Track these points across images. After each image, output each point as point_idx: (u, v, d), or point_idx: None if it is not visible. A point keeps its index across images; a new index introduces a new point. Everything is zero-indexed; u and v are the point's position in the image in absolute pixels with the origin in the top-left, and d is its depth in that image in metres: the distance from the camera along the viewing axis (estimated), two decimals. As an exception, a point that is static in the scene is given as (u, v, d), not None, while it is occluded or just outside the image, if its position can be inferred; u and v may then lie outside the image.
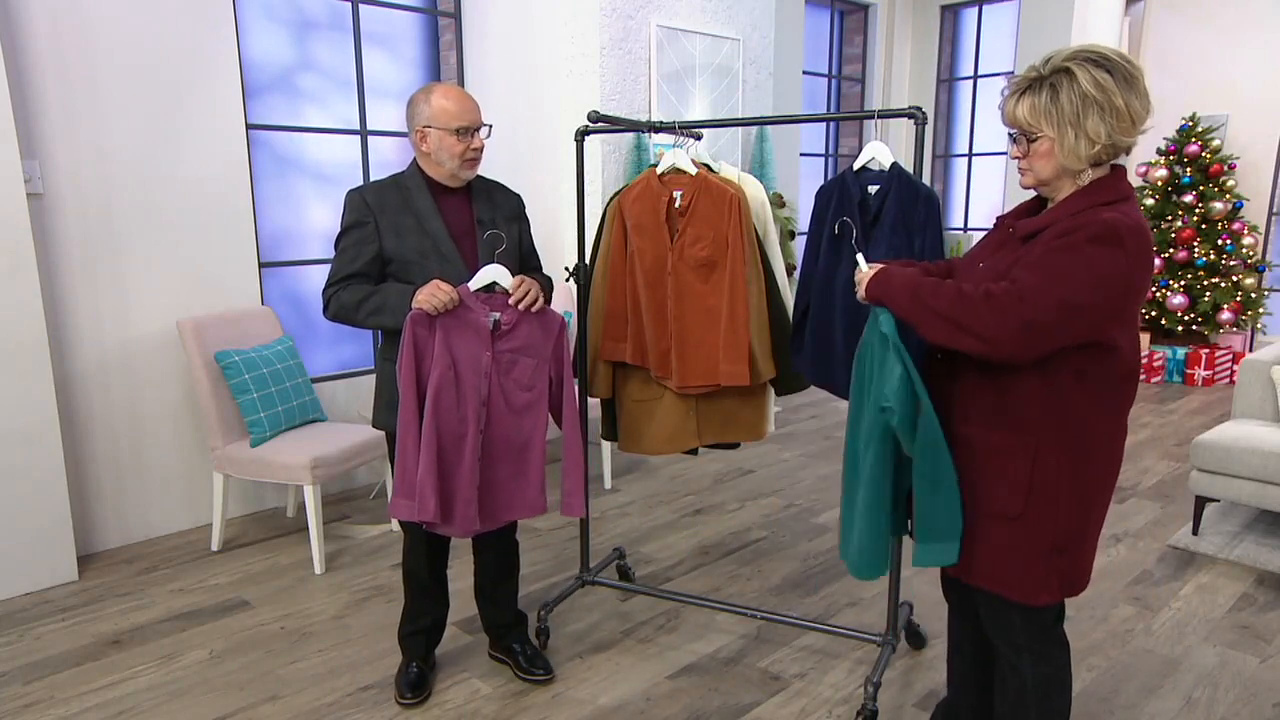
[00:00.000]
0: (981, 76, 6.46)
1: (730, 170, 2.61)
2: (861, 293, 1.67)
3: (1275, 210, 6.16)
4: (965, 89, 6.56)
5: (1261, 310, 5.92)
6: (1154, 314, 6.07)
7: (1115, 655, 2.51)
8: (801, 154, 6.01)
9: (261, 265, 3.59)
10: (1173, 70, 6.37)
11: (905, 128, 6.72)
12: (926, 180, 2.82)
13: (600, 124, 2.33)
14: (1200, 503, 3.32)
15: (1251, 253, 5.90)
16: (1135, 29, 6.45)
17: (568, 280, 2.57)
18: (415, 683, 2.28)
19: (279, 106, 3.69)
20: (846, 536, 1.78)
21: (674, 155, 2.40)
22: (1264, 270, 6.02)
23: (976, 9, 6.39)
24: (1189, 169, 5.93)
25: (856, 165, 2.23)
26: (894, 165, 2.11)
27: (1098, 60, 1.48)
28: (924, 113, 2.04)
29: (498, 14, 4.17)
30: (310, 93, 3.79)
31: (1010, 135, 1.59)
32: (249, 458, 3.07)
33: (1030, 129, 1.53)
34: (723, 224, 2.35)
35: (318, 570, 3.06)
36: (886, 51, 6.44)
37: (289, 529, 3.46)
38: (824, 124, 6.36)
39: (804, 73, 5.94)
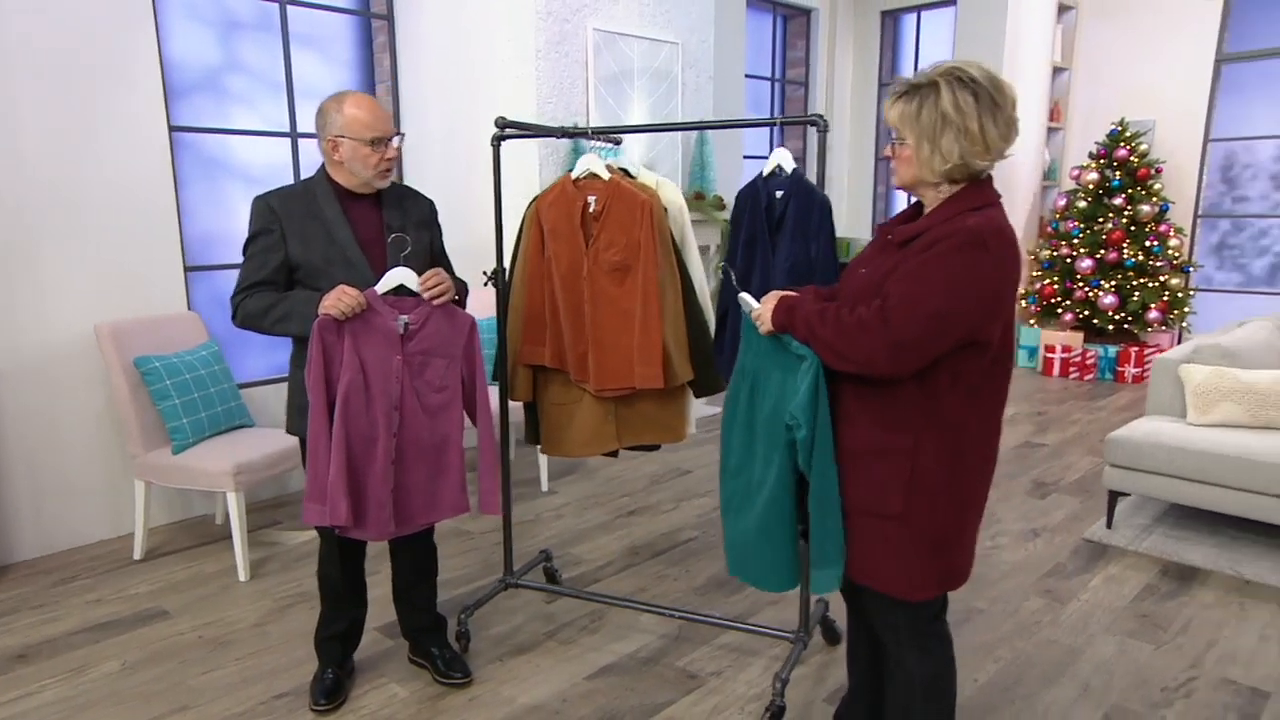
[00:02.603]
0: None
1: (649, 175, 2.64)
2: (766, 326, 1.71)
3: (1200, 213, 6.38)
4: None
5: (1187, 310, 6.12)
6: (1086, 314, 6.24)
7: (1021, 646, 2.59)
8: (745, 156, 6.08)
9: (188, 269, 3.54)
10: (1103, 77, 6.56)
11: (848, 132, 6.83)
12: (864, 183, 2.88)
13: (508, 130, 2.34)
14: (1113, 497, 3.44)
15: (1177, 254, 6.10)
16: (1068, 36, 6.63)
17: (486, 284, 2.58)
18: (330, 689, 2.28)
19: (205, 108, 3.64)
20: (740, 554, 1.81)
21: (588, 160, 2.43)
22: (1190, 271, 6.23)
23: (915, 15, 6.52)
24: (1118, 172, 6.12)
25: (765, 171, 2.28)
26: (794, 172, 2.16)
27: (966, 81, 1.54)
28: (825, 120, 2.09)
29: (431, 16, 4.16)
30: (239, 94, 3.74)
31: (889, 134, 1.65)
32: (171, 465, 3.03)
33: (899, 133, 1.59)
34: (635, 229, 2.38)
35: (242, 578, 3.03)
36: (829, 56, 6.53)
37: (217, 536, 3.42)
38: (768, 127, 6.43)
39: (746, 76, 6.01)
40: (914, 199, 1.72)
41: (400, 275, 2.10)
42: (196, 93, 3.61)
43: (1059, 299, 6.38)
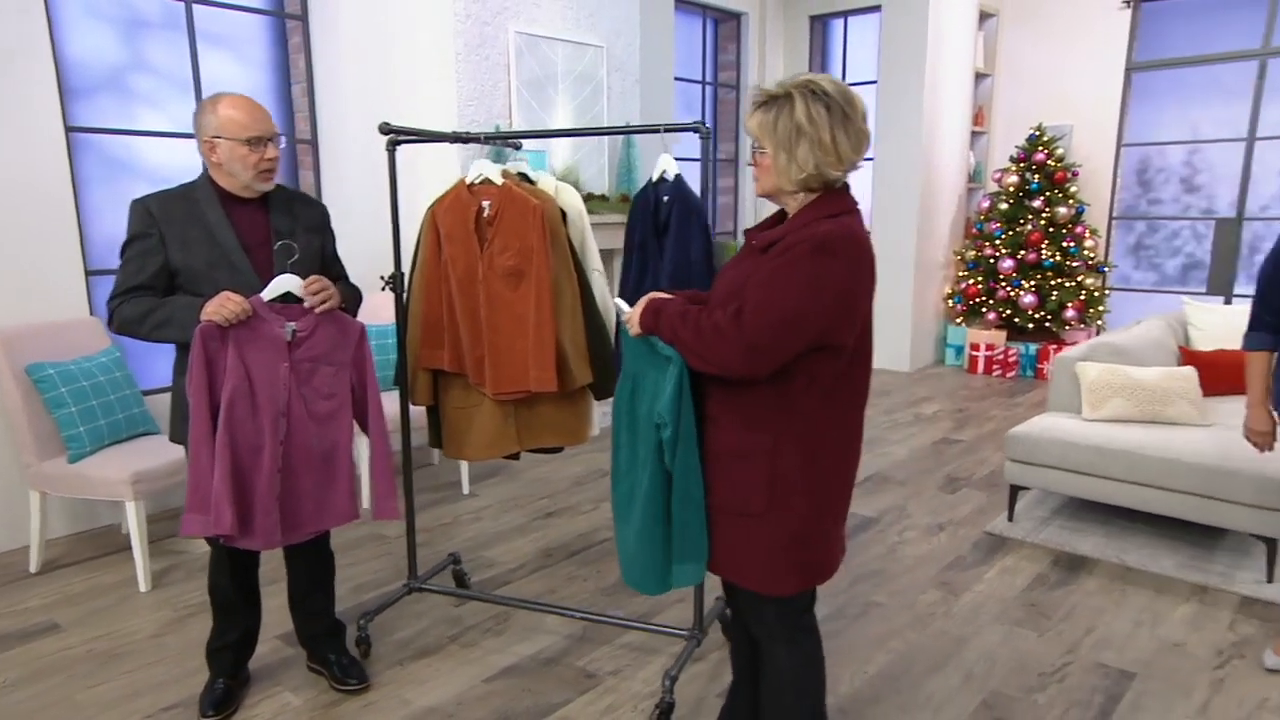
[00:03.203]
0: (849, 85, 6.71)
1: (549, 180, 2.66)
2: (635, 329, 1.75)
3: (1115, 215, 6.62)
4: (836, 97, 6.81)
5: (1103, 309, 6.35)
6: (1008, 313, 6.44)
7: (913, 638, 2.67)
8: (677, 159, 6.12)
9: (89, 273, 3.46)
10: (1023, 82, 6.77)
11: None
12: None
13: (392, 134, 2.34)
14: (1014, 491, 3.56)
15: (1093, 254, 6.32)
16: (990, 43, 6.82)
17: (383, 289, 2.58)
18: (219, 700, 2.25)
19: (108, 108, 3.56)
20: (627, 559, 1.85)
21: (481, 165, 2.44)
22: (1105, 271, 6.46)
23: (843, 20, 6.64)
24: (1037, 176, 6.31)
25: (654, 176, 2.31)
26: (677, 178, 2.20)
27: (818, 93, 1.59)
28: (708, 127, 2.13)
29: (347, 17, 4.12)
30: (145, 95, 3.67)
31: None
32: (67, 474, 2.96)
33: (758, 142, 1.64)
34: (528, 234, 2.40)
35: (142, 588, 2.98)
36: (759, 59, 6.62)
37: (121, 546, 3.35)
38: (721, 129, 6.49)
39: (676, 79, 6.06)
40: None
41: (286, 282, 2.09)
42: (98, 92, 3.53)
43: (983, 298, 6.56)
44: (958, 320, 6.78)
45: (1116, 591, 2.95)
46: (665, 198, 2.23)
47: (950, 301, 6.80)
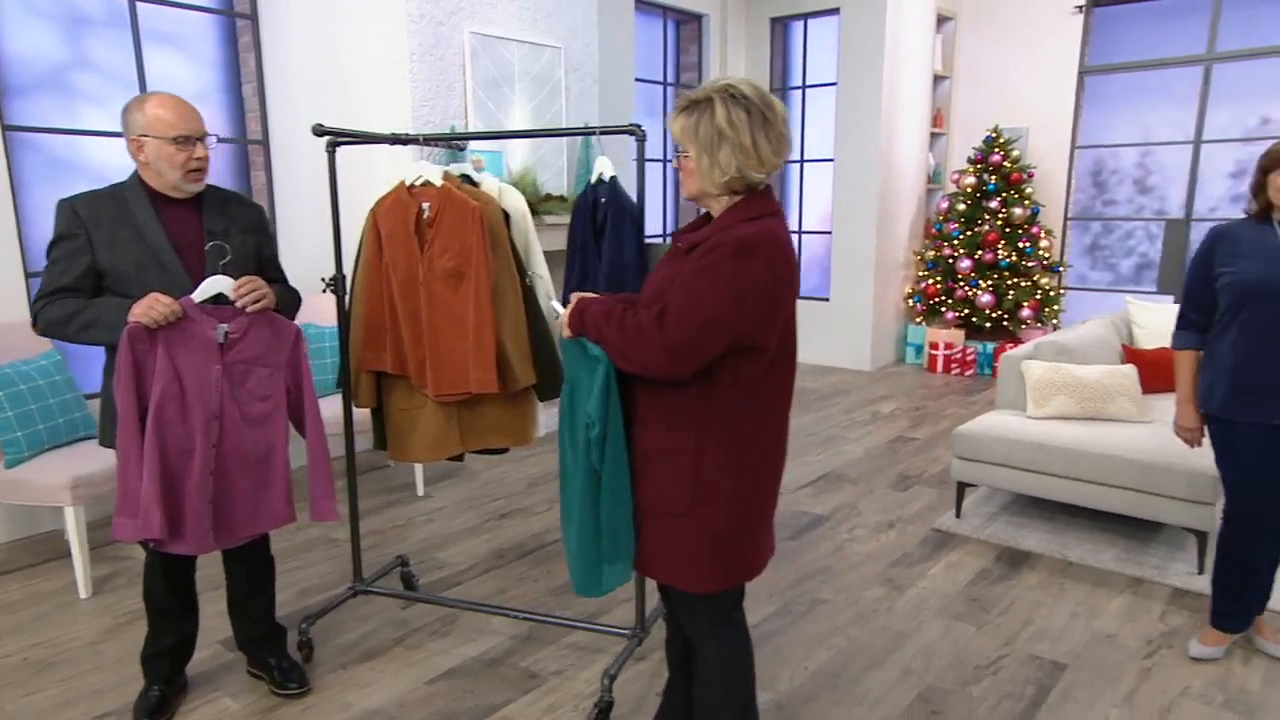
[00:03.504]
0: (809, 86, 6.77)
1: (492, 182, 2.66)
2: (566, 332, 1.76)
3: (1069, 215, 6.74)
4: (799, 97, 6.86)
5: (1058, 308, 6.46)
6: (966, 312, 6.53)
7: (855, 634, 2.71)
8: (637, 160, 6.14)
9: (29, 275, 3.40)
10: (980, 85, 6.87)
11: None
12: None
13: (326, 135, 2.33)
14: (961, 488, 3.62)
15: (1048, 254, 6.43)
16: (947, 46, 6.91)
17: (324, 291, 2.57)
18: (154, 707, 2.23)
19: (50, 107, 3.51)
20: (569, 558, 1.86)
21: (421, 167, 2.44)
22: (1059, 270, 6.58)
23: (803, 22, 6.70)
24: (993, 177, 6.41)
25: (592, 178, 2.33)
26: (612, 180, 2.22)
27: (738, 97, 1.61)
28: (643, 130, 2.15)
29: (298, 16, 4.09)
30: (89, 93, 3.61)
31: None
32: (4, 480, 2.91)
33: (682, 146, 1.66)
34: (467, 235, 2.40)
35: (83, 595, 2.94)
36: (721, 60, 6.66)
37: (62, 553, 3.29)
38: (661, 130, 6.51)
39: (637, 80, 6.08)
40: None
41: (218, 283, 2.07)
42: (38, 91, 3.47)
43: (942, 298, 6.65)
44: (918, 320, 6.87)
45: (1055, 585, 3.01)
46: (603, 199, 2.25)
47: (910, 301, 6.88)
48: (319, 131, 2.33)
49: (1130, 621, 2.75)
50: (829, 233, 6.74)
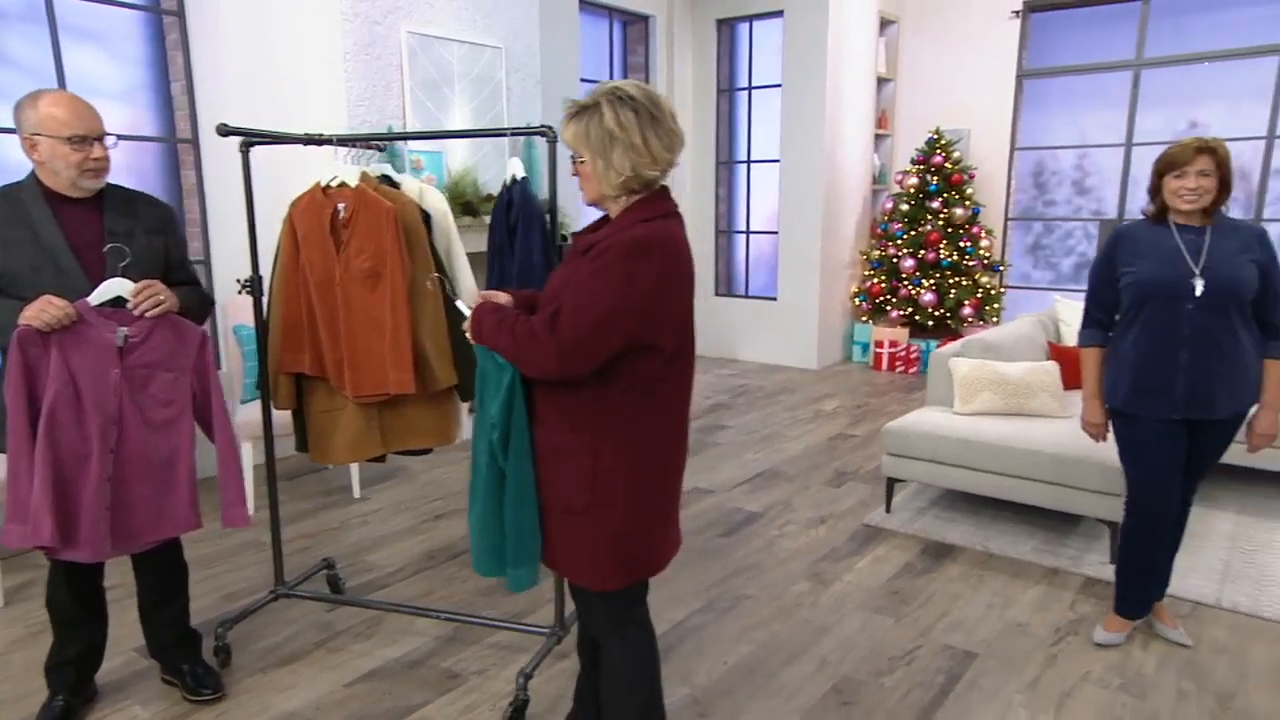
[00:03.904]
0: (755, 88, 6.83)
1: (412, 184, 2.66)
2: (470, 337, 1.78)
3: (1010, 216, 6.88)
4: (745, 98, 6.92)
5: (999, 306, 6.60)
6: (910, 310, 6.64)
7: (777, 629, 2.75)
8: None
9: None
10: (923, 87, 6.99)
11: (690, 136, 7.01)
12: (706, 185, 2.96)
13: (233, 135, 2.31)
14: (891, 484, 3.69)
15: (988, 254, 6.57)
16: (891, 49, 7.02)
17: (240, 292, 2.54)
18: (58, 718, 2.19)
19: (-35, 105, 3.42)
20: (474, 547, 1.88)
21: (336, 168, 2.43)
22: (1000, 270, 6.72)
23: (748, 24, 6.76)
24: (935, 178, 6.53)
25: (507, 179, 2.33)
26: (522, 181, 2.23)
27: (625, 99, 1.64)
28: (554, 131, 2.16)
29: (228, 13, 4.03)
30: (5, 90, 3.52)
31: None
32: (-88, 487, 2.83)
33: (577, 153, 1.68)
34: (382, 236, 2.40)
35: (-4, 603, 2.88)
36: (668, 61, 6.70)
37: (-20, 560, 3.22)
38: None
39: (583, 80, 6.08)
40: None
41: (117, 286, 2.05)
42: (-48, 89, 3.38)
43: (887, 297, 6.76)
44: (864, 318, 6.97)
45: (975, 577, 3.09)
46: (515, 201, 2.26)
47: (857, 300, 6.98)
48: (223, 131, 2.31)
49: (1042, 610, 2.83)
50: (775, 233, 6.81)
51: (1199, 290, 2.35)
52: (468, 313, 1.80)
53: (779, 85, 6.54)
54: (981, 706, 2.31)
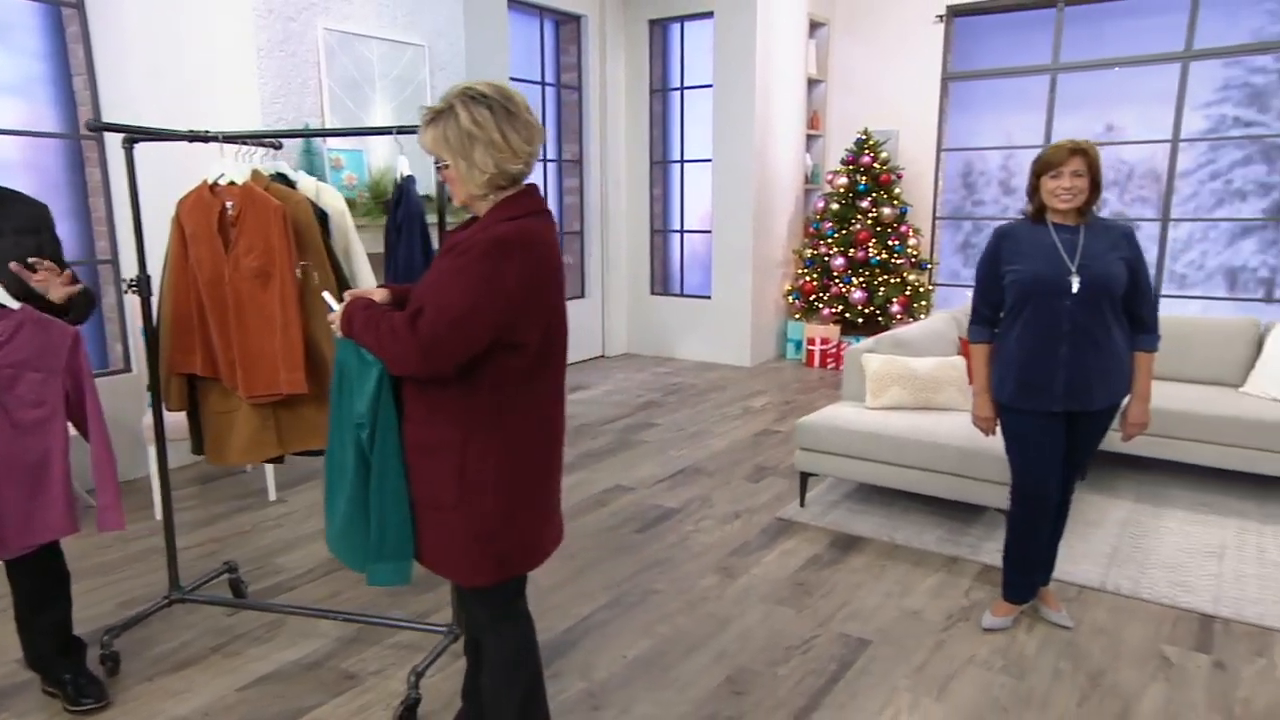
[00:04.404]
0: (688, 88, 6.89)
1: (308, 182, 2.64)
2: (338, 331, 1.78)
3: (937, 215, 7.05)
4: (678, 98, 6.97)
5: (927, 304, 6.76)
6: (841, 308, 6.76)
7: (681, 622, 2.79)
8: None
9: None
10: (854, 89, 7.12)
11: (624, 135, 7.04)
12: (640, 184, 2.98)
13: (104, 130, 2.27)
14: (804, 478, 3.76)
15: (916, 252, 6.72)
16: (821, 50, 7.14)
17: (126, 292, 2.49)
18: (-72, 729, 2.13)
19: None
20: (332, 534, 1.88)
21: (223, 165, 2.39)
22: (927, 268, 6.88)
23: (680, 25, 6.81)
24: (864, 178, 6.66)
25: (397, 176, 2.33)
26: (407, 179, 2.23)
27: (476, 97, 1.65)
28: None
29: (131, 6, 3.93)
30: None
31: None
32: None
33: (438, 156, 1.69)
34: (270, 234, 2.37)
35: (-124, 616, 2.77)
36: (600, 61, 6.71)
37: None
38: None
39: (514, 80, 6.07)
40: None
41: (-17, 285, 2.00)
42: None
43: (819, 295, 6.87)
44: (796, 316, 7.08)
45: (878, 567, 3.16)
46: (402, 199, 2.26)
47: (789, 298, 7.08)
48: (94, 126, 2.26)
49: (937, 598, 2.91)
50: (709, 232, 6.88)
51: (1075, 287, 2.44)
52: (335, 306, 1.80)
53: (710, 86, 6.61)
54: (868, 692, 2.38)
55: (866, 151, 6.66)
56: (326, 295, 1.84)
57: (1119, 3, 6.15)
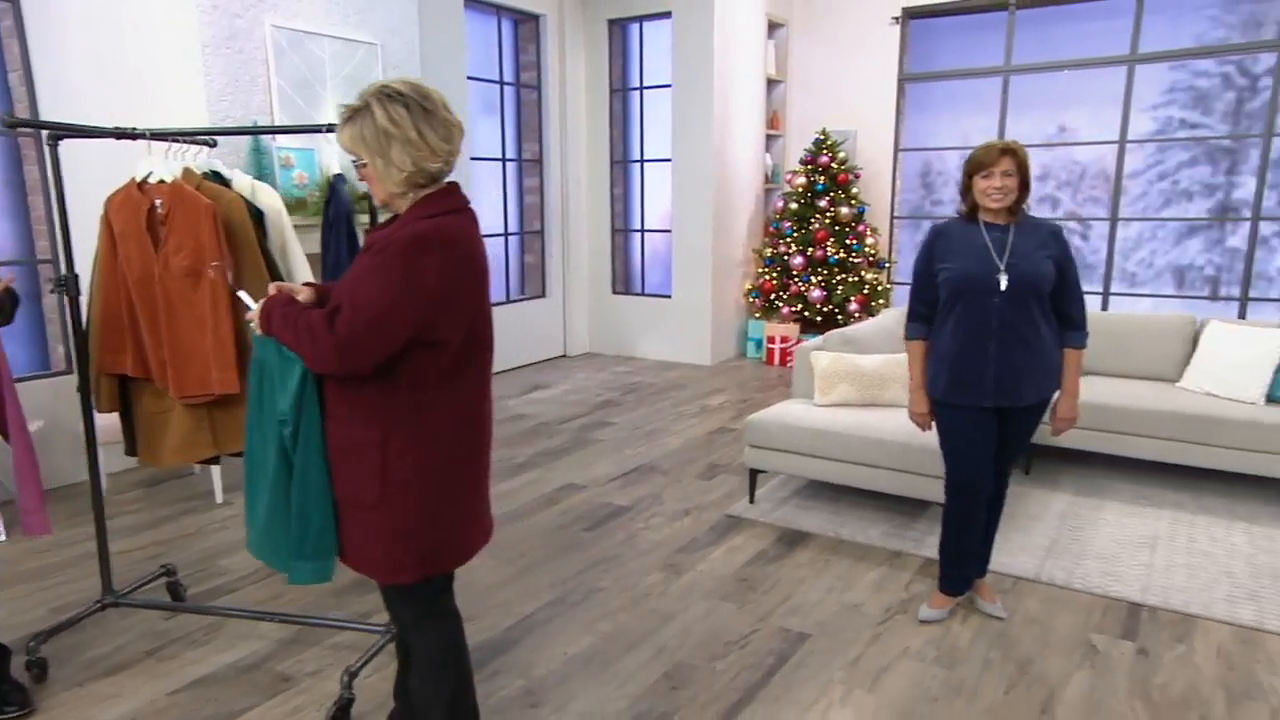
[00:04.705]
0: (647, 88, 6.91)
1: (244, 180, 2.61)
2: (258, 330, 1.77)
3: (895, 214, 7.14)
4: (638, 98, 6.99)
5: (885, 302, 6.84)
6: (800, 307, 6.82)
7: (624, 619, 2.80)
8: (473, 158, 6.13)
9: None
10: (811, 89, 7.19)
11: (584, 134, 7.04)
12: (601, 182, 2.96)
13: (20, 126, 2.23)
14: (753, 474, 3.79)
15: (874, 251, 6.80)
16: (781, 51, 7.19)
17: (52, 291, 2.45)
18: None
19: None
20: (256, 534, 1.87)
21: (151, 163, 2.37)
22: (885, 267, 6.96)
23: (639, 24, 6.83)
24: (822, 177, 6.72)
25: (330, 175, 2.31)
26: (336, 177, 2.22)
27: (393, 95, 1.65)
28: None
29: (69, 1, 3.86)
30: None
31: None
32: None
33: (356, 155, 1.69)
34: (200, 233, 2.35)
35: None
36: (560, 60, 6.71)
37: None
38: (499, 128, 6.51)
39: (471, 79, 6.05)
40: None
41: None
42: None
43: (778, 293, 6.92)
44: (756, 315, 7.12)
45: (822, 562, 3.20)
46: (333, 197, 2.25)
47: (750, 297, 7.13)
48: (9, 123, 2.23)
49: (878, 591, 2.95)
50: (669, 231, 6.90)
51: (1004, 285, 2.49)
52: (252, 305, 1.79)
53: (669, 85, 6.63)
54: (803, 685, 2.41)
55: (824, 151, 6.72)
56: (243, 294, 1.83)
57: (1068, 6, 6.27)
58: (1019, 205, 2.58)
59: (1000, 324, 2.51)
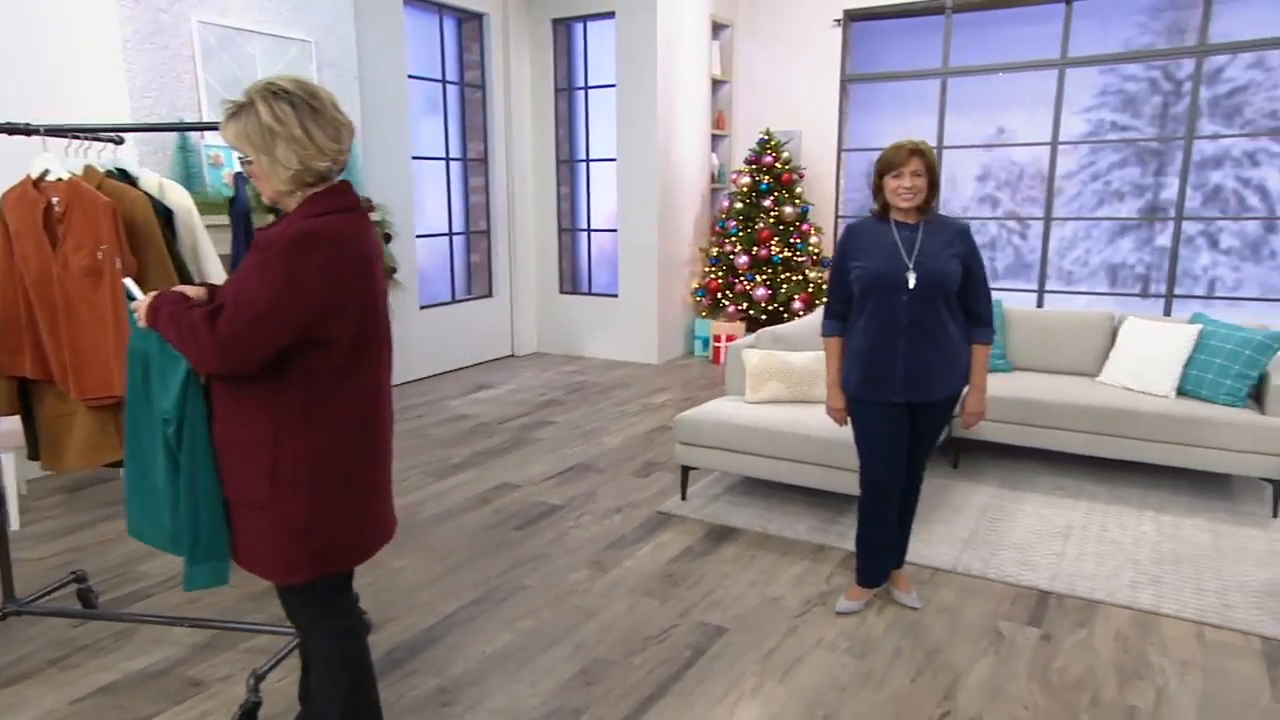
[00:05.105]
0: (592, 87, 6.92)
1: (151, 178, 2.57)
2: (142, 321, 1.75)
3: (839, 214, 7.24)
4: (583, 97, 6.99)
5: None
6: (745, 305, 6.88)
7: (547, 616, 2.81)
8: (415, 157, 6.08)
9: None
10: (758, 89, 7.26)
11: (529, 134, 7.03)
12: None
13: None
14: (685, 471, 3.82)
15: (818, 250, 6.89)
16: (726, 51, 7.25)
17: (-53, 292, 2.38)
18: None
19: None
20: (137, 521, 1.86)
21: (46, 160, 2.31)
22: (828, 265, 7.04)
23: (583, 24, 6.83)
24: (766, 177, 6.79)
25: (235, 170, 2.28)
26: (238, 174, 2.19)
27: (279, 93, 1.64)
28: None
29: (-13, -5, 3.76)
30: None
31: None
32: None
33: (241, 152, 1.67)
34: (99, 232, 2.30)
35: None
36: (504, 60, 6.69)
37: None
38: (443, 128, 6.47)
39: (414, 78, 6.00)
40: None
41: None
42: None
43: (724, 292, 6.97)
44: (703, 313, 7.17)
45: (748, 557, 3.24)
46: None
47: (696, 296, 7.18)
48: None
49: (799, 585, 3.00)
50: (615, 230, 6.92)
51: (912, 283, 2.54)
52: (137, 293, 1.77)
53: (614, 85, 6.64)
54: (716, 677, 2.43)
55: (769, 151, 6.79)
56: (128, 281, 1.80)
57: (1002, 11, 6.41)
58: (929, 204, 2.64)
59: (909, 321, 2.56)
